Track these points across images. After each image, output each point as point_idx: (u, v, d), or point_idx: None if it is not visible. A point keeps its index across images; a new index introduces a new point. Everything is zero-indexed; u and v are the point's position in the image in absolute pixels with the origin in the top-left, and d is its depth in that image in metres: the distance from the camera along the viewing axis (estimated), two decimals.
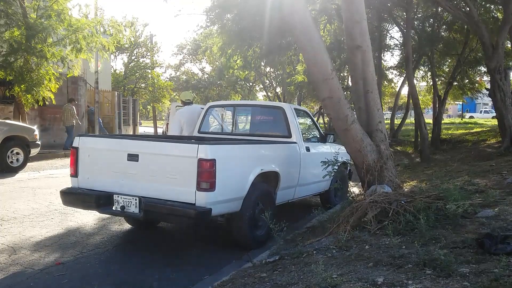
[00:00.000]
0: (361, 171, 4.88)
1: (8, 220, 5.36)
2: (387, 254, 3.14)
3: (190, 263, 4.12)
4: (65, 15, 11.81)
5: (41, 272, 3.74)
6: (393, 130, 19.49)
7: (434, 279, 2.56)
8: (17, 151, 9.59)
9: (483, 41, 9.85)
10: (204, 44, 22.06)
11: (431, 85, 17.96)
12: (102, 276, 3.72)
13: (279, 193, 5.09)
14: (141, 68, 29.84)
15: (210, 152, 3.86)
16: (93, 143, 4.63)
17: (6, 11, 11.20)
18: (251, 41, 12.25)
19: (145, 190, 4.11)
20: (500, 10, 12.06)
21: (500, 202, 4.33)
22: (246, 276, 3.29)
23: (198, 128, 6.42)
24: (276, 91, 29.68)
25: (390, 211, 3.87)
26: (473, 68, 17.14)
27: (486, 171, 7.03)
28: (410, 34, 12.68)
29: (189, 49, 34.19)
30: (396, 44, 20.17)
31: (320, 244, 3.79)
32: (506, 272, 2.49)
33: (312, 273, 2.93)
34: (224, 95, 32.04)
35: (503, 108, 9.67)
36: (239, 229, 4.41)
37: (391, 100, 29.91)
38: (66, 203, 4.69)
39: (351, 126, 4.83)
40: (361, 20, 5.10)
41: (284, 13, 5.55)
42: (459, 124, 28.26)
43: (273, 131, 5.94)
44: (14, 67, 11.65)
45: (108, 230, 5.18)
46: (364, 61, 5.12)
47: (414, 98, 12.13)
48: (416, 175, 8.61)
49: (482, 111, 45.96)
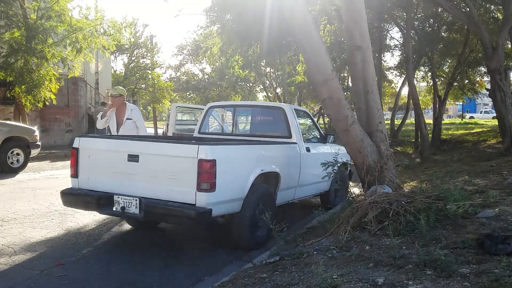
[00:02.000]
0: (361, 171, 4.87)
1: (9, 221, 5.37)
2: (387, 254, 3.14)
3: (190, 264, 4.12)
4: (66, 16, 11.82)
5: (41, 273, 3.73)
6: (393, 131, 19.50)
7: (435, 279, 2.56)
8: (17, 151, 9.60)
9: (483, 42, 9.85)
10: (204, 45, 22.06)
11: (431, 86, 17.99)
12: (102, 276, 3.72)
13: (280, 194, 5.09)
14: (141, 69, 29.84)
15: (210, 153, 3.86)
16: (94, 144, 4.63)
17: (6, 12, 11.21)
18: (251, 41, 12.26)
19: (146, 190, 4.11)
20: (500, 10, 12.06)
21: (500, 203, 4.33)
22: (247, 277, 3.29)
23: (199, 128, 6.42)
24: (276, 92, 29.70)
25: (391, 212, 3.87)
26: (473, 69, 17.17)
27: (486, 171, 7.02)
28: (410, 35, 12.69)
29: (189, 49, 34.19)
30: (396, 45, 20.22)
31: (321, 245, 3.79)
32: (507, 272, 2.49)
33: (312, 273, 2.92)
34: (224, 96, 32.03)
35: (503, 108, 9.67)
36: (240, 230, 4.41)
37: (391, 101, 29.95)
38: (66, 203, 4.69)
39: (351, 127, 4.83)
40: (361, 21, 5.10)
41: (284, 14, 5.55)
42: (459, 125, 28.27)
43: (273, 132, 5.94)
44: (14, 68, 11.66)
45: (108, 231, 5.18)
46: (364, 62, 5.12)
47: (414, 99, 12.15)
48: (416, 176, 8.61)
49: (482, 112, 45.98)
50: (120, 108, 6.01)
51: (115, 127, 5.97)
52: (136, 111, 6.08)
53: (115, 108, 6.00)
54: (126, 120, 5.92)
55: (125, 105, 6.03)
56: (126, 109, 5.99)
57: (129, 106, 6.05)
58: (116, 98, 5.96)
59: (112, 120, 5.99)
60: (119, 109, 6.00)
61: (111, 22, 13.07)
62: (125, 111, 5.98)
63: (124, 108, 6.02)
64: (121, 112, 6.00)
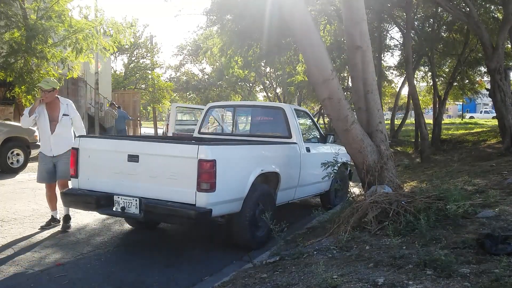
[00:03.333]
0: (362, 171, 4.88)
1: (9, 221, 5.37)
2: (387, 254, 3.14)
3: (190, 264, 4.12)
4: (66, 16, 11.81)
5: (41, 273, 3.74)
6: (393, 131, 19.49)
7: (435, 279, 2.56)
8: (17, 152, 9.61)
9: (483, 42, 9.85)
10: (204, 45, 22.08)
11: (431, 86, 17.98)
12: (102, 277, 3.72)
13: (280, 194, 5.09)
14: (141, 69, 29.87)
15: (210, 153, 3.86)
16: (94, 144, 4.63)
17: (6, 12, 11.20)
18: (251, 41, 12.27)
19: (146, 191, 4.11)
20: (500, 10, 12.07)
21: (500, 203, 4.33)
22: (247, 277, 3.29)
23: (198, 128, 6.42)
24: (276, 92, 29.72)
25: (391, 212, 3.87)
26: (473, 69, 17.16)
27: (486, 171, 7.03)
28: (410, 35, 12.68)
29: (189, 49, 34.21)
30: (396, 45, 20.20)
31: (321, 245, 3.79)
32: (507, 272, 2.49)
33: (312, 273, 2.92)
34: (224, 96, 32.06)
35: (503, 108, 9.67)
36: (240, 230, 4.41)
37: (391, 101, 29.93)
38: (66, 204, 4.70)
39: (351, 127, 4.83)
40: (361, 21, 5.10)
41: (284, 14, 5.55)
42: (459, 125, 28.28)
43: (273, 132, 5.95)
44: (14, 68, 11.65)
45: (108, 231, 5.18)
46: (364, 62, 5.12)
47: (414, 99, 12.14)
48: (417, 176, 8.60)
49: (482, 111, 45.99)
50: (52, 103, 5.20)
51: (47, 125, 5.13)
52: (72, 106, 5.33)
53: (45, 104, 5.17)
54: (63, 117, 5.17)
55: (58, 100, 5.24)
56: (59, 104, 5.21)
57: (63, 100, 5.27)
58: (49, 93, 5.11)
59: (42, 117, 5.14)
60: (50, 104, 5.18)
61: (111, 22, 13.06)
62: (59, 106, 5.20)
63: (57, 103, 5.22)
64: (54, 107, 5.19)
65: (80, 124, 5.37)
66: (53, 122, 5.15)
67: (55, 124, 5.15)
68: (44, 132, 5.20)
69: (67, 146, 5.05)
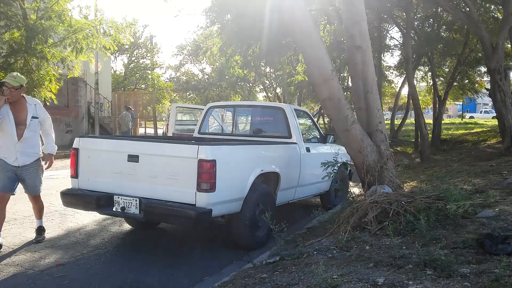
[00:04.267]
0: (362, 171, 4.88)
1: (9, 221, 5.36)
2: (387, 254, 3.14)
3: (190, 264, 4.12)
4: (66, 16, 11.81)
5: (41, 273, 3.74)
6: (393, 131, 19.50)
7: (435, 279, 2.56)
8: None
9: (483, 42, 9.86)
10: (204, 45, 22.09)
11: (431, 86, 18.00)
12: (102, 277, 3.72)
13: (279, 194, 5.09)
14: (141, 69, 29.86)
15: (210, 153, 3.86)
16: (94, 144, 4.63)
17: (6, 12, 11.19)
18: (251, 41, 12.26)
19: (145, 191, 4.11)
20: (500, 10, 12.07)
21: (500, 203, 4.33)
22: (247, 277, 3.29)
23: (198, 128, 6.42)
24: (276, 92, 29.70)
25: (391, 212, 3.87)
26: (473, 68, 17.18)
27: (486, 171, 7.03)
28: (410, 35, 12.70)
29: (189, 49, 34.19)
30: (396, 45, 20.22)
31: (321, 245, 3.79)
32: (507, 272, 2.49)
33: (312, 273, 2.92)
34: (224, 96, 32.04)
35: (503, 108, 9.68)
36: (240, 230, 4.41)
37: (391, 101, 29.95)
38: (66, 204, 4.69)
39: (351, 127, 4.83)
40: (361, 21, 5.11)
41: (284, 14, 5.55)
42: (459, 124, 28.27)
43: (273, 132, 5.95)
44: (14, 68, 11.63)
45: (108, 231, 5.18)
46: (364, 62, 5.12)
47: (414, 99, 12.15)
48: (416, 176, 8.61)
49: (482, 111, 45.97)
50: (18, 104, 4.35)
51: (13, 129, 4.27)
52: (40, 106, 4.51)
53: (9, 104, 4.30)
54: (32, 120, 4.36)
55: (24, 99, 4.41)
56: (26, 104, 4.38)
57: (29, 100, 4.46)
58: (16, 90, 4.27)
59: (7, 120, 4.26)
60: (16, 104, 4.33)
61: (111, 22, 13.06)
62: (26, 107, 4.36)
63: (23, 103, 4.37)
64: (20, 108, 4.35)
65: (50, 128, 4.59)
66: (20, 126, 4.31)
67: (23, 128, 4.32)
68: (9, 138, 4.30)
69: (35, 155, 4.42)
